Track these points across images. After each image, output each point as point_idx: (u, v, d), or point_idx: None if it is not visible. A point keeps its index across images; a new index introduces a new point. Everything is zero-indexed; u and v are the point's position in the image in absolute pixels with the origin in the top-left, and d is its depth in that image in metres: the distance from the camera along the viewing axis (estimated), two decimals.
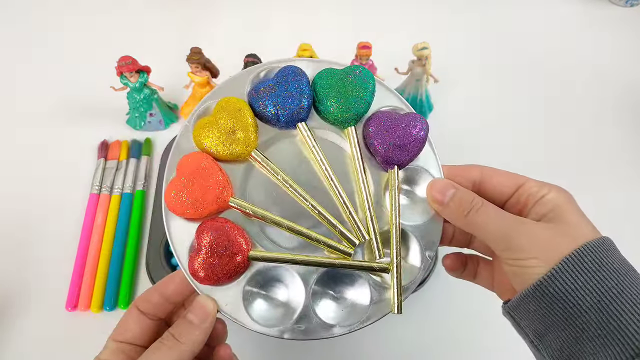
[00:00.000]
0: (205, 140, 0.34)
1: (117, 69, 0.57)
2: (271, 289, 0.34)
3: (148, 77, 0.59)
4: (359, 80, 0.35)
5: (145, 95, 0.60)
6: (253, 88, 0.36)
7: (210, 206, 0.33)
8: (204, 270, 0.32)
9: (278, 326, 0.33)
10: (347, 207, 0.34)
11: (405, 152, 0.35)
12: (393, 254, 0.33)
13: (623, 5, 0.80)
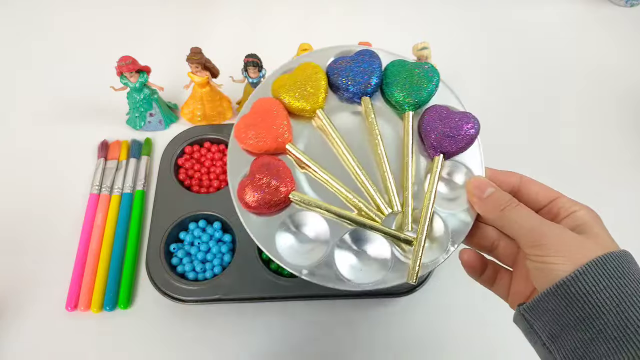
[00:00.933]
0: (281, 90, 0.39)
1: (117, 69, 0.57)
2: (301, 232, 0.37)
3: (148, 77, 0.59)
4: (425, 73, 0.40)
5: (145, 95, 0.60)
6: (333, 60, 0.41)
7: (269, 143, 0.37)
8: (250, 192, 0.36)
9: (300, 264, 0.35)
10: (389, 179, 0.37)
11: (454, 143, 0.37)
12: (421, 229, 0.35)
13: (623, 5, 0.80)
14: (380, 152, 0.38)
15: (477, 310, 0.53)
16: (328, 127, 0.39)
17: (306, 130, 0.39)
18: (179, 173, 0.59)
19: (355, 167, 0.37)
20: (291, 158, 0.38)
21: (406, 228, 0.36)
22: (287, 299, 0.51)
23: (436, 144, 0.38)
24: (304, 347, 0.51)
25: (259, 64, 0.57)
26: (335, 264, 0.36)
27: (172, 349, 0.51)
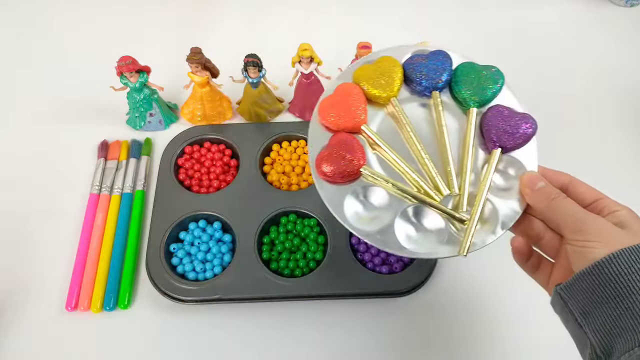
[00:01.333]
0: (362, 78, 0.44)
1: (117, 69, 0.57)
2: (368, 201, 0.42)
3: (148, 77, 0.59)
4: (492, 75, 0.44)
5: (145, 95, 0.60)
6: (410, 56, 0.46)
7: (347, 121, 0.42)
8: (327, 162, 0.40)
9: (363, 229, 0.40)
10: (450, 165, 0.41)
11: (512, 140, 0.41)
12: (475, 210, 0.40)
13: (623, 5, 0.80)
14: (443, 141, 0.42)
15: (476, 310, 0.53)
16: (400, 114, 0.43)
17: (379, 116, 0.44)
18: (179, 173, 0.59)
19: (420, 151, 0.42)
20: (364, 138, 0.43)
21: (461, 209, 0.40)
22: (287, 299, 0.51)
23: (496, 138, 0.42)
24: (304, 347, 0.51)
25: (259, 64, 0.57)
26: (395, 233, 0.40)
27: (172, 349, 0.51)
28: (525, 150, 0.42)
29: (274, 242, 0.55)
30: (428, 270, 0.52)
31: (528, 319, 0.52)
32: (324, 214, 0.55)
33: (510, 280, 0.54)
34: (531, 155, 0.42)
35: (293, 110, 0.66)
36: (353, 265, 0.52)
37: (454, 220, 0.40)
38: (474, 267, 0.55)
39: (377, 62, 0.45)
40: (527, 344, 0.51)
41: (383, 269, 0.53)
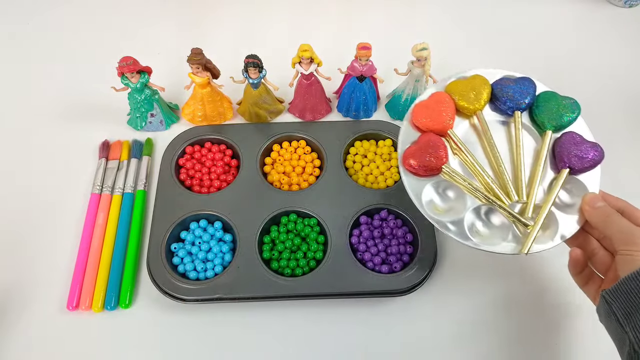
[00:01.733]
0: (454, 90, 0.52)
1: (118, 70, 0.57)
2: (445, 194, 0.49)
3: (149, 78, 0.59)
4: (570, 106, 0.51)
5: (147, 95, 0.60)
6: (499, 78, 0.53)
7: (436, 124, 0.49)
8: (414, 156, 0.48)
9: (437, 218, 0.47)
10: (522, 176, 0.48)
11: (580, 163, 0.47)
12: (540, 217, 0.46)
13: (622, 6, 0.80)
14: (518, 155, 0.49)
15: (476, 310, 0.53)
16: (483, 125, 0.50)
17: (463, 125, 0.52)
18: (180, 173, 0.60)
19: (499, 159, 0.48)
20: (448, 141, 0.50)
21: (527, 214, 0.46)
22: (287, 298, 0.52)
23: (566, 160, 0.48)
24: (304, 347, 0.51)
25: (259, 65, 0.58)
26: (464, 225, 0.47)
27: (173, 348, 0.51)
28: (590, 174, 0.49)
29: (275, 241, 0.55)
30: (428, 269, 0.52)
31: (528, 318, 0.53)
32: (324, 213, 0.55)
33: (511, 280, 0.55)
34: (595, 179, 0.48)
35: (293, 110, 0.66)
36: (353, 264, 0.52)
37: (519, 223, 0.46)
38: (473, 267, 0.55)
39: (469, 79, 0.52)
40: (526, 344, 0.52)
41: (383, 268, 0.53)
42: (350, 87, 0.62)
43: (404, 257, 0.54)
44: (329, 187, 0.58)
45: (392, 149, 0.62)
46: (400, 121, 0.66)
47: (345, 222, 0.55)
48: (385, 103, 0.68)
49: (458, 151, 0.50)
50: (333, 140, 0.61)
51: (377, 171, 0.60)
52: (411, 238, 0.55)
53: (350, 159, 0.61)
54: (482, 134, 0.51)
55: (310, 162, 0.61)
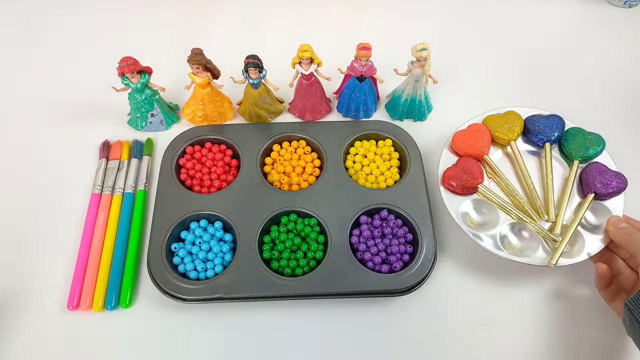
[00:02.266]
0: (490, 122, 0.59)
1: (118, 70, 0.57)
2: (481, 210, 0.55)
3: (149, 78, 0.60)
4: (596, 140, 0.57)
5: (147, 95, 0.61)
6: (532, 115, 0.60)
7: (474, 151, 0.57)
8: (454, 177, 0.55)
9: (471, 230, 0.53)
10: (552, 198, 0.54)
11: (605, 190, 0.53)
12: (567, 234, 0.52)
13: (621, 6, 0.80)
14: (549, 181, 0.56)
15: (476, 309, 0.53)
16: (516, 154, 0.58)
17: (497, 153, 0.60)
18: (180, 173, 0.60)
19: (530, 183, 0.55)
20: (484, 166, 0.57)
21: (556, 232, 0.53)
22: (287, 298, 0.52)
23: (592, 186, 0.54)
24: (304, 346, 0.51)
25: (260, 65, 0.58)
26: (498, 239, 0.52)
27: (173, 348, 0.51)
28: (614, 200, 0.54)
29: (275, 241, 0.55)
30: (428, 269, 0.52)
31: (527, 318, 0.53)
32: (324, 213, 0.56)
33: (510, 280, 0.55)
34: (618, 204, 0.54)
35: (293, 110, 0.66)
36: (353, 264, 0.52)
37: (548, 239, 0.52)
38: (474, 266, 0.55)
39: (504, 114, 0.60)
40: (527, 344, 0.52)
41: (383, 268, 0.53)
42: (350, 87, 0.62)
43: (404, 256, 0.54)
44: (329, 187, 0.58)
45: (392, 149, 0.62)
46: (401, 121, 0.67)
47: (345, 222, 0.55)
48: (385, 103, 0.68)
49: (493, 175, 0.57)
50: (333, 141, 0.62)
51: (377, 171, 0.60)
52: (411, 238, 0.55)
53: (350, 159, 0.61)
54: (515, 161, 0.58)
55: (310, 162, 0.61)
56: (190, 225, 0.56)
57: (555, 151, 0.59)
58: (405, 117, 0.67)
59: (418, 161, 0.60)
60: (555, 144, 0.59)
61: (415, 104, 0.64)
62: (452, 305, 0.54)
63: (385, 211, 0.56)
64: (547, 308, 0.53)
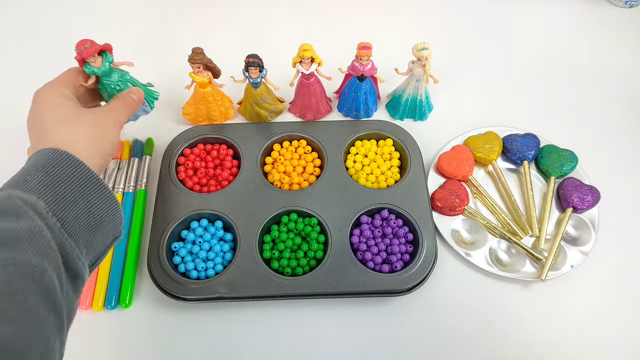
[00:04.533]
0: (472, 143, 0.62)
1: (77, 58, 0.49)
2: (470, 229, 0.58)
3: (112, 57, 0.50)
4: (569, 156, 0.61)
5: (119, 77, 0.50)
6: (509, 134, 0.63)
7: (460, 172, 0.59)
8: (440, 199, 0.57)
9: (461, 248, 0.55)
10: (534, 214, 0.57)
11: (581, 203, 0.57)
12: (552, 248, 0.55)
13: (622, 6, 0.80)
14: (530, 197, 0.58)
15: (476, 309, 0.53)
16: (498, 173, 0.61)
17: (480, 172, 0.62)
18: (181, 172, 0.60)
19: (513, 200, 0.59)
20: (469, 186, 0.60)
21: (540, 247, 0.55)
22: (288, 297, 0.52)
23: (570, 201, 0.57)
24: (304, 346, 0.51)
25: (260, 65, 0.58)
26: (488, 256, 0.55)
27: (173, 347, 0.51)
28: (590, 212, 0.57)
29: (275, 241, 0.55)
30: (428, 269, 0.52)
31: (527, 317, 0.53)
32: (325, 213, 0.56)
33: (510, 279, 0.55)
34: (594, 215, 0.57)
35: (294, 110, 0.66)
36: (353, 264, 0.52)
37: (532, 257, 0.54)
38: (474, 266, 0.55)
39: (484, 135, 0.63)
40: (527, 342, 0.52)
41: (384, 268, 0.53)
42: (351, 86, 0.62)
43: (404, 256, 0.54)
44: (329, 187, 0.58)
45: (392, 148, 0.62)
46: (401, 121, 0.67)
47: (345, 222, 0.55)
48: (385, 103, 0.68)
49: (478, 194, 0.59)
50: (334, 140, 0.61)
51: (378, 171, 0.60)
52: (412, 237, 0.55)
53: (351, 159, 0.61)
54: (497, 180, 0.61)
55: (310, 161, 0.61)
56: (191, 225, 0.56)
57: (533, 168, 0.62)
58: (406, 117, 0.67)
59: (419, 161, 0.60)
60: (532, 161, 0.62)
61: (416, 104, 0.64)
62: (453, 305, 0.54)
63: (386, 211, 0.56)
64: (544, 303, 0.53)
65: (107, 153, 0.43)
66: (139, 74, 0.54)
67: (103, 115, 0.45)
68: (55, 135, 0.41)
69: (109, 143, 0.44)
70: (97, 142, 0.42)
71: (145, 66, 0.72)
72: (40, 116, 0.43)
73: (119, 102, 0.48)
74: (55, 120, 0.42)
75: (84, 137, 0.41)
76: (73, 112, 0.43)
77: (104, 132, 0.43)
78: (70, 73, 0.48)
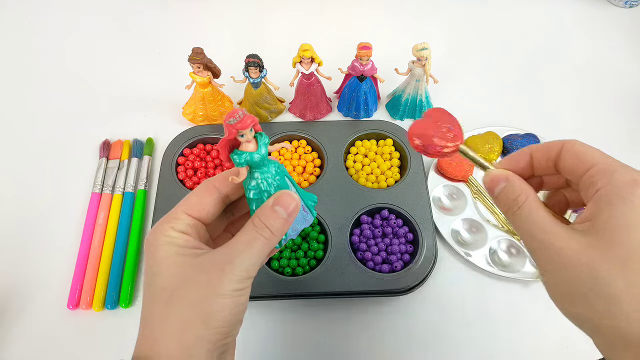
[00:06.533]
0: (471, 143, 0.62)
1: (226, 139, 0.32)
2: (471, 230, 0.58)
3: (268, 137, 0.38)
4: None
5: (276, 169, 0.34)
6: (509, 134, 0.63)
7: (459, 172, 0.59)
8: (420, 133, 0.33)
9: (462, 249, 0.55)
10: None
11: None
12: None
13: (622, 6, 0.80)
14: None
15: (477, 309, 0.53)
16: None
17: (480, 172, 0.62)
18: (181, 172, 0.60)
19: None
20: (470, 187, 0.60)
21: None
22: (287, 297, 0.52)
23: None
24: (303, 346, 0.51)
25: (260, 64, 0.58)
26: (488, 256, 0.55)
27: None
28: None
29: None
30: (428, 268, 0.52)
31: (528, 317, 0.53)
32: (325, 213, 0.55)
33: (511, 279, 0.55)
34: None
35: (294, 110, 0.66)
36: (354, 264, 0.52)
37: None
38: (474, 266, 0.55)
39: (484, 135, 0.62)
40: (527, 342, 0.51)
41: (384, 267, 0.53)
42: (351, 86, 0.62)
43: (404, 256, 0.54)
44: (329, 187, 0.58)
45: (392, 148, 0.62)
46: (401, 121, 0.67)
47: (346, 222, 0.55)
48: (385, 103, 0.68)
49: (478, 194, 0.59)
50: (334, 140, 0.61)
51: (378, 170, 0.60)
52: (412, 237, 0.55)
53: (351, 159, 0.61)
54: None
55: (310, 161, 0.61)
56: None
57: None
58: (406, 117, 0.67)
59: (419, 161, 0.60)
60: None
61: (416, 104, 0.64)
62: (453, 305, 0.53)
63: (386, 211, 0.56)
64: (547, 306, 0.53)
65: (219, 334, 0.29)
66: (139, 74, 0.54)
67: (216, 272, 0.29)
68: (145, 322, 0.31)
69: (220, 319, 0.29)
70: (200, 326, 0.29)
71: (145, 66, 0.72)
72: (144, 281, 0.32)
73: (249, 235, 0.31)
74: (150, 296, 0.31)
75: (176, 327, 0.29)
76: (173, 280, 0.30)
77: (212, 307, 0.29)
78: (193, 197, 0.33)
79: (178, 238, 0.30)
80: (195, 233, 0.31)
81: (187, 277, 0.29)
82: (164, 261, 0.30)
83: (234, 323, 0.30)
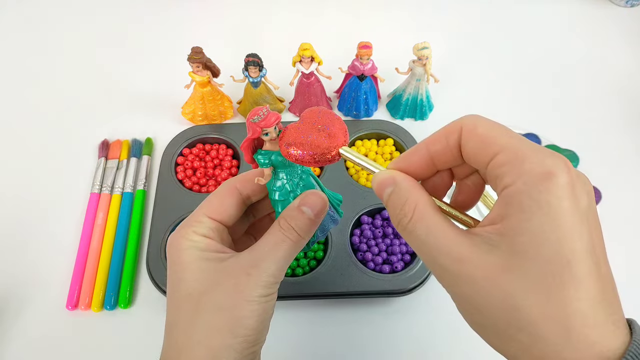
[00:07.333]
0: None
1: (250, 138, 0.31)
2: None
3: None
4: (569, 157, 0.57)
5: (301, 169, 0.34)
6: None
7: None
8: (292, 135, 0.29)
9: None
10: None
11: None
12: None
13: (623, 6, 0.80)
14: None
15: None
16: None
17: None
18: (180, 172, 0.59)
19: None
20: None
21: None
22: (287, 298, 0.51)
23: None
24: (303, 346, 0.51)
25: (260, 64, 0.57)
26: None
27: None
28: None
29: None
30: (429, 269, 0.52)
31: None
32: None
33: None
34: None
35: (294, 109, 0.66)
36: (354, 264, 0.52)
37: None
38: None
39: None
40: None
41: (384, 268, 0.52)
42: (351, 86, 0.62)
43: (405, 257, 0.53)
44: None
45: (393, 148, 0.62)
46: (402, 120, 0.66)
47: (346, 222, 0.55)
48: (386, 102, 0.68)
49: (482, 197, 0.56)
50: None
51: None
52: None
53: None
54: None
55: None
56: None
57: None
58: (407, 117, 0.66)
59: None
60: None
61: (416, 103, 0.64)
62: (453, 305, 0.53)
63: (387, 211, 0.56)
64: None
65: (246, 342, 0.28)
66: (138, 73, 0.54)
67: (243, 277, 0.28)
68: (170, 329, 0.30)
69: (247, 327, 0.28)
70: (227, 335, 0.28)
71: (145, 65, 0.72)
72: (168, 287, 0.31)
73: (275, 237, 0.30)
74: (175, 302, 0.30)
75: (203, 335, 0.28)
76: (198, 285, 0.29)
77: (241, 313, 0.28)
78: (214, 199, 0.32)
79: (201, 242, 0.30)
80: (218, 236, 0.31)
81: (213, 282, 0.28)
82: (188, 266, 0.29)
83: (260, 330, 0.29)
